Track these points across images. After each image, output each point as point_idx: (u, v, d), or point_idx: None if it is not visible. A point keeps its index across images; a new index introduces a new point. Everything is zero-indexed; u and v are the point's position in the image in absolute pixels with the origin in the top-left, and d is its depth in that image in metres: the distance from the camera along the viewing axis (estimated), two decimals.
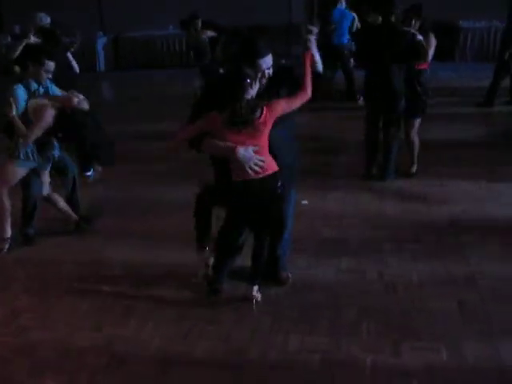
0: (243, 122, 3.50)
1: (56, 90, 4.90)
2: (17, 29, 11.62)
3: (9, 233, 4.99)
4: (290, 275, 4.29)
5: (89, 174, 6.73)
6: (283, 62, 15.67)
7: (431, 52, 6.12)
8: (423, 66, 6.15)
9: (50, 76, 4.80)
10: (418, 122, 6.24)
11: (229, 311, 3.96)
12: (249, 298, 4.01)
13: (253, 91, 3.54)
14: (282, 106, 3.60)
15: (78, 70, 7.15)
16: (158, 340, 3.68)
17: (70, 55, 6.92)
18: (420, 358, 3.40)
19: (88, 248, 5.01)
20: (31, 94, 4.69)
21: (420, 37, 5.74)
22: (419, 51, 5.76)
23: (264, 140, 3.61)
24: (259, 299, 4.02)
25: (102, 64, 15.17)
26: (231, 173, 3.68)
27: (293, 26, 14.58)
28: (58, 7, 6.88)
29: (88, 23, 14.09)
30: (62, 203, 5.21)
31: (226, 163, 3.67)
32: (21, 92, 4.62)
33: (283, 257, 4.24)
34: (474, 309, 3.86)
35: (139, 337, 3.73)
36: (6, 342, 3.75)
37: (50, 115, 4.61)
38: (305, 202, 5.62)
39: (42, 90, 4.77)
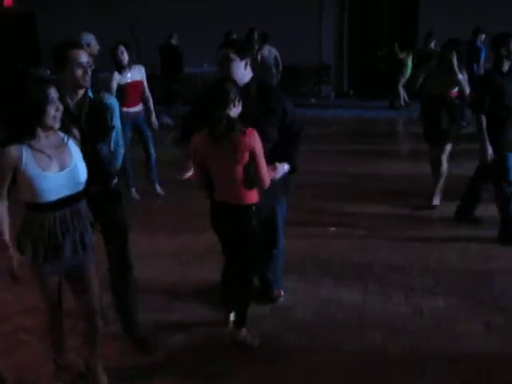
0: (222, 134, 3.30)
1: None
2: None
3: None
4: (282, 292, 4.31)
5: None
6: (313, 101, 15.76)
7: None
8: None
9: None
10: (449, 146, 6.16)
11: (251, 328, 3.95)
12: (236, 341, 3.81)
13: (236, 110, 3.38)
14: (257, 147, 3.34)
15: None
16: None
17: None
18: (446, 381, 3.39)
19: None
20: None
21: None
22: None
23: (240, 171, 3.39)
24: (248, 341, 3.79)
25: None
26: (213, 192, 3.59)
27: (323, 66, 14.84)
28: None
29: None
30: None
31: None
32: None
33: (273, 274, 4.24)
34: (501, 332, 3.85)
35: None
36: None
37: None
38: (333, 228, 5.68)
39: None
